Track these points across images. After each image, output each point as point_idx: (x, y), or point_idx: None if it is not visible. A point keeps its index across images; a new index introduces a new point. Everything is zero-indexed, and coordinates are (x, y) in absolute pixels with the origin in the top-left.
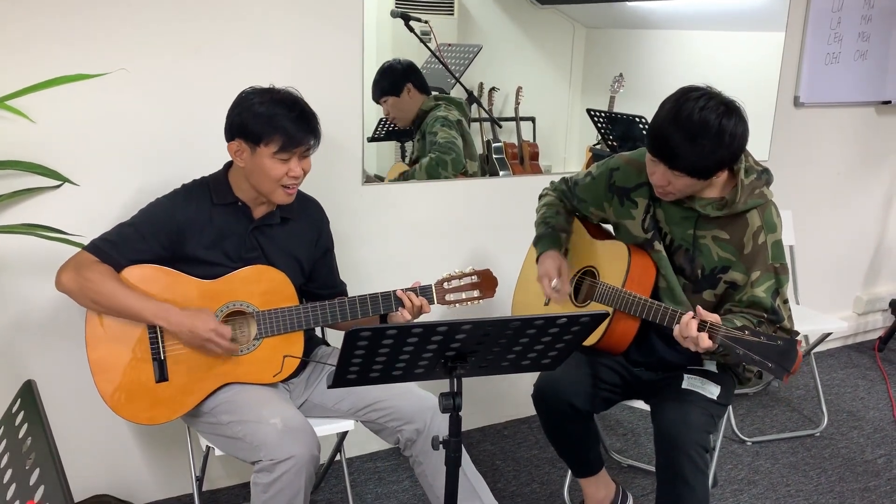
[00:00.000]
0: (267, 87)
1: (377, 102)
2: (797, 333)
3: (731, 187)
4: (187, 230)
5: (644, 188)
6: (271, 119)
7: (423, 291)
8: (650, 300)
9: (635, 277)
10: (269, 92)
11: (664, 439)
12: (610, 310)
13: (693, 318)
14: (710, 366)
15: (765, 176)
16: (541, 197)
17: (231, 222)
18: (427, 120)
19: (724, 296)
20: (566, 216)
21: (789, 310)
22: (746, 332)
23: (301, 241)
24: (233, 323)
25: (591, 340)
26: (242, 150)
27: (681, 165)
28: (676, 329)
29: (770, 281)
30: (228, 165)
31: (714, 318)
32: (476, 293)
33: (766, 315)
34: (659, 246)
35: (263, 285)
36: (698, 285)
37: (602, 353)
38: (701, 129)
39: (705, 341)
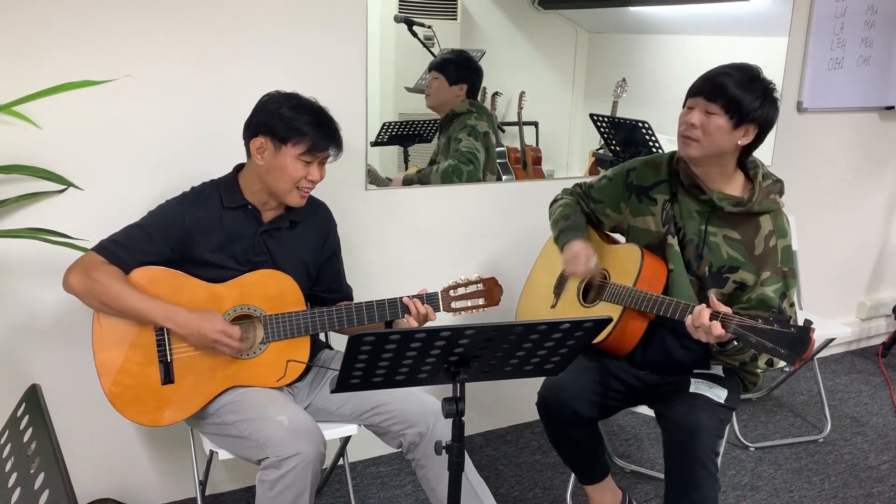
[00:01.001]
0: (293, 92)
1: (429, 70)
2: (810, 323)
3: (748, 189)
4: (196, 233)
5: (664, 184)
6: (300, 122)
7: (429, 299)
8: (660, 295)
9: (646, 278)
10: (296, 97)
11: (676, 447)
12: (618, 311)
13: (706, 308)
14: (717, 370)
15: (778, 185)
16: (554, 202)
17: (240, 225)
18: (455, 124)
19: (732, 296)
20: (583, 216)
21: (795, 314)
22: (760, 321)
23: (308, 244)
24: (239, 326)
25: (599, 337)
26: (265, 148)
27: (726, 94)
28: (689, 319)
29: (778, 283)
30: (238, 168)
31: (726, 309)
32: (481, 301)
33: (773, 316)
34: (673, 240)
35: (271, 290)
36: (704, 282)
37: (606, 356)
38: (755, 75)
39: (717, 329)
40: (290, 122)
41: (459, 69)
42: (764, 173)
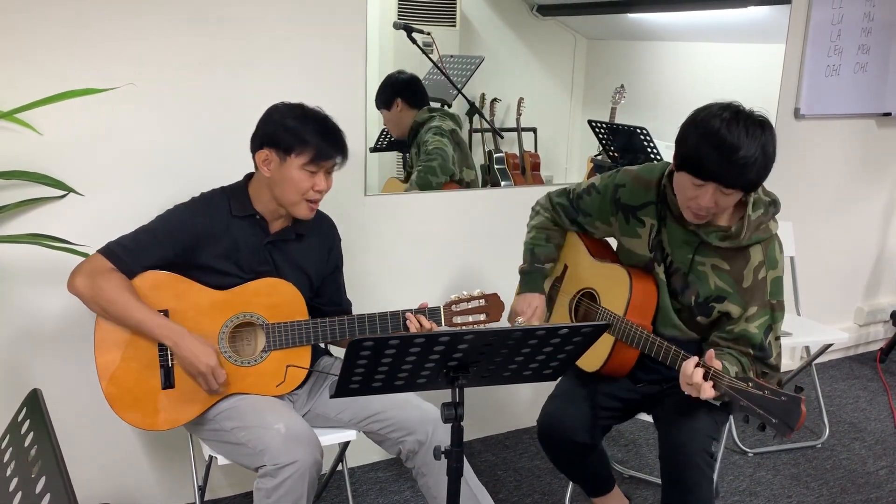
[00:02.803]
0: (297, 103)
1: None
2: (801, 390)
3: (737, 219)
4: (203, 239)
5: (651, 207)
6: (304, 132)
7: (432, 313)
8: (652, 336)
9: (637, 304)
10: (300, 107)
11: (670, 446)
12: (610, 340)
13: (697, 365)
14: None
15: (772, 209)
16: (534, 212)
17: (247, 235)
18: (421, 132)
19: (717, 322)
20: (557, 241)
21: (779, 347)
22: (750, 385)
23: (313, 256)
24: (241, 334)
25: (593, 367)
26: (271, 159)
27: (746, 182)
28: (681, 377)
29: (765, 317)
30: (248, 177)
31: (717, 364)
32: (483, 316)
33: (752, 351)
34: (658, 269)
35: (274, 298)
36: (691, 311)
37: (604, 379)
38: (759, 136)
39: (708, 391)
40: (294, 131)
41: (384, 92)
42: (755, 200)
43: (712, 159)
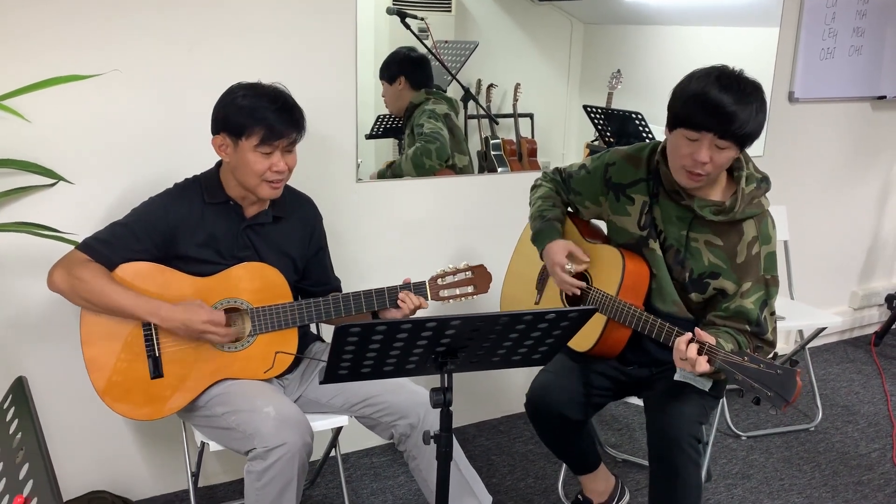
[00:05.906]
0: (254, 81)
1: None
2: (797, 364)
3: (730, 193)
4: (180, 229)
5: (641, 184)
6: (253, 111)
7: (417, 287)
8: (645, 314)
9: (629, 285)
10: (253, 86)
11: (657, 431)
12: (601, 320)
13: (691, 341)
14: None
15: (764, 185)
16: (534, 187)
17: (223, 221)
18: (416, 114)
19: (712, 300)
20: (562, 208)
21: (775, 322)
22: (745, 358)
23: (294, 239)
24: (226, 320)
25: (585, 346)
26: (226, 144)
27: (739, 133)
28: (675, 352)
29: (760, 292)
30: (220, 164)
31: (711, 339)
32: (470, 288)
33: (748, 328)
34: (654, 244)
35: (258, 282)
36: (685, 287)
37: (595, 359)
38: (750, 89)
39: (703, 365)
40: (242, 112)
41: (390, 67)
42: (748, 175)
43: (702, 110)
